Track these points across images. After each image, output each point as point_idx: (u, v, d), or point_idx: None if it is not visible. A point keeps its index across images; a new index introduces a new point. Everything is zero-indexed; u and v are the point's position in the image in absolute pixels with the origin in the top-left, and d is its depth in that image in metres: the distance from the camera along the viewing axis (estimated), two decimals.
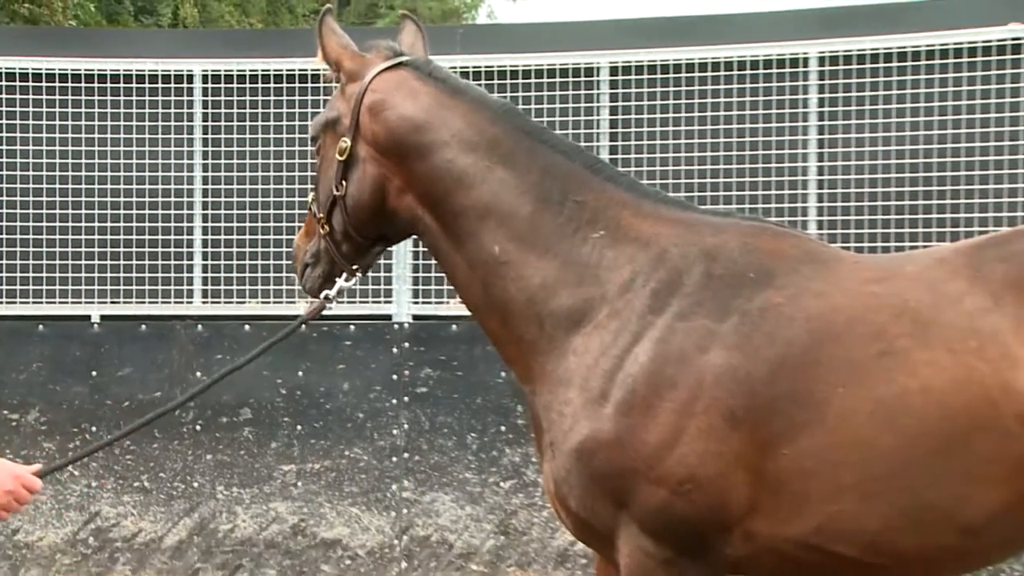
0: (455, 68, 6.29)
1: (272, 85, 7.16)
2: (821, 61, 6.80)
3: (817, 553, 2.79)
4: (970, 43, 6.40)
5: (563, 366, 2.92)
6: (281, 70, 7.16)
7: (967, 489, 2.71)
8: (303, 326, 3.37)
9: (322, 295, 3.09)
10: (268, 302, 7.39)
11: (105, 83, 7.20)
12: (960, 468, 2.71)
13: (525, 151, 3.03)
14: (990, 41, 6.43)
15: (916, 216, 6.67)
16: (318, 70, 5.68)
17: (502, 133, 3.04)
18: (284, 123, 7.16)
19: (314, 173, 3.17)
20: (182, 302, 7.30)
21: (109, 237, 7.20)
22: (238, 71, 7.14)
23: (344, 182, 3.02)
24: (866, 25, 7.02)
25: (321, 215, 3.05)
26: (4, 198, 7.25)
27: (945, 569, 2.99)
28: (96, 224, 7.20)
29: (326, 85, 5.64)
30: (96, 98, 7.17)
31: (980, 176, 6.52)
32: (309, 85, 6.93)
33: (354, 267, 3.10)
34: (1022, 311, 2.72)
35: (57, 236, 7.24)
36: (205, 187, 7.39)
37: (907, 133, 6.72)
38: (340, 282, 3.12)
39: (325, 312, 3.21)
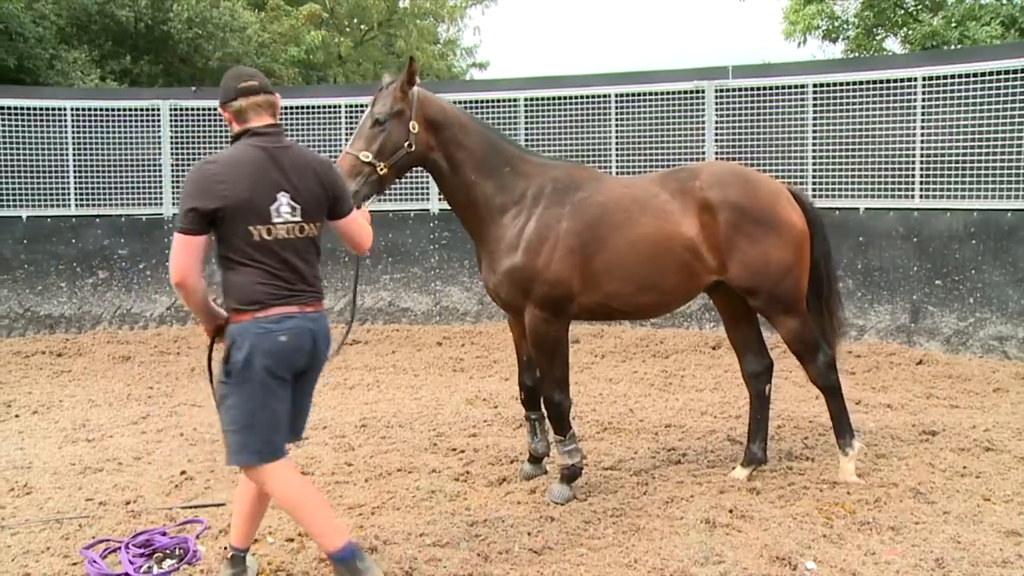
0: (459, 100, 8.85)
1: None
2: None
3: (605, 307, 4.15)
4: None
5: (496, 233, 4.09)
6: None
7: (663, 275, 4.11)
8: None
9: (366, 204, 3.87)
10: None
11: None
12: (660, 266, 4.10)
13: (478, 131, 4.15)
14: None
15: None
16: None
17: (469, 121, 4.19)
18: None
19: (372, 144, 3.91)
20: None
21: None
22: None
23: (411, 144, 3.95)
24: None
25: (383, 162, 3.87)
26: None
27: (654, 309, 4.36)
28: None
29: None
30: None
31: None
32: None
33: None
34: (683, 203, 4.14)
35: None
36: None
37: None
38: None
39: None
